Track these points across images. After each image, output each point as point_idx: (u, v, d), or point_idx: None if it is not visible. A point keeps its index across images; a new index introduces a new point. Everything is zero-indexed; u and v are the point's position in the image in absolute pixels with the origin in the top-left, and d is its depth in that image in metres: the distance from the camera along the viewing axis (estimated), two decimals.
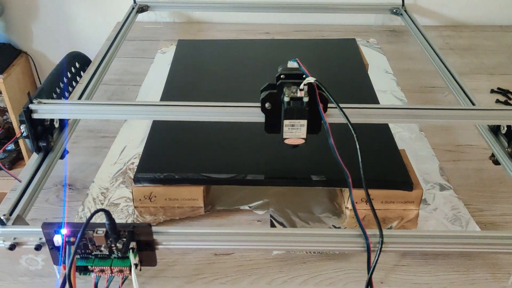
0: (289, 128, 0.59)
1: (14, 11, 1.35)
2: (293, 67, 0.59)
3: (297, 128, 0.59)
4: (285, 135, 0.59)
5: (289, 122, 0.58)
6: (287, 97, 0.57)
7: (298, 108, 0.57)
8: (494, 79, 1.07)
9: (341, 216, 0.69)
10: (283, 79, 0.58)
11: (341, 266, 0.62)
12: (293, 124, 0.59)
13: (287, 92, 0.58)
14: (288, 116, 0.58)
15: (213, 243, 0.56)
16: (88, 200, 0.70)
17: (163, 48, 1.16)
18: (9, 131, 1.45)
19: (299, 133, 0.59)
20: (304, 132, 0.59)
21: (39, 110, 0.64)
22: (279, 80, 0.58)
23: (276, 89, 0.59)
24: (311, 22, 1.33)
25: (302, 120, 0.58)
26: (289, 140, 0.60)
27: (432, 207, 0.70)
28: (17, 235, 0.55)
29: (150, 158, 0.71)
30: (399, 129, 0.86)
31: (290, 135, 0.59)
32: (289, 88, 0.58)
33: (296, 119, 0.58)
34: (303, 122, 0.58)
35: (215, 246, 0.56)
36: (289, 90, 0.58)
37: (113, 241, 0.53)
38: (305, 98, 0.57)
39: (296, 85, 0.58)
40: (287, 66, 0.60)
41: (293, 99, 0.57)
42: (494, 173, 0.77)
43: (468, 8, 1.34)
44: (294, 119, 0.58)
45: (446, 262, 0.62)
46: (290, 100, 0.57)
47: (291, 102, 0.57)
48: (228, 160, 0.72)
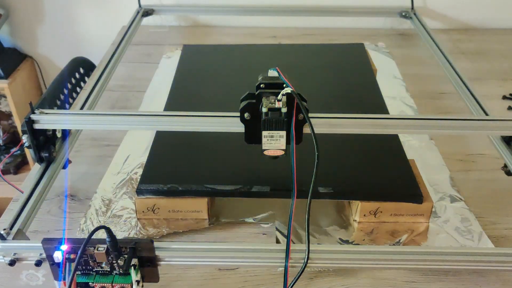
0: (268, 139, 0.57)
1: (19, 16, 1.35)
2: (273, 76, 0.58)
3: (276, 139, 0.57)
4: (264, 146, 0.58)
5: (267, 133, 0.57)
6: (265, 107, 0.56)
7: (276, 119, 0.56)
8: (506, 85, 1.04)
9: (349, 228, 0.68)
10: (263, 88, 0.57)
11: (348, 282, 0.60)
12: (272, 135, 0.57)
13: (265, 102, 0.56)
14: (267, 127, 0.56)
15: (216, 259, 0.54)
16: (91, 211, 0.69)
17: (168, 53, 1.14)
18: (15, 135, 1.44)
19: (278, 144, 0.58)
20: (283, 143, 0.58)
21: (41, 120, 0.63)
22: (258, 90, 0.57)
23: (255, 99, 0.57)
24: (319, 26, 1.31)
25: (281, 131, 0.57)
26: (269, 151, 0.58)
27: (442, 219, 0.69)
28: (17, 251, 0.54)
29: (153, 169, 0.70)
30: (409, 138, 0.84)
31: (269, 146, 0.58)
32: (267, 98, 0.56)
33: (274, 130, 0.57)
34: (282, 133, 0.57)
35: (218, 262, 0.55)
36: (268, 100, 0.56)
37: (114, 258, 0.52)
38: (284, 108, 0.55)
39: (275, 95, 0.56)
40: (267, 75, 0.58)
41: (271, 109, 0.56)
42: (507, 184, 0.75)
43: (479, 11, 1.31)
44: (273, 130, 0.57)
45: (457, 278, 0.60)
46: (268, 111, 0.56)
47: (269, 113, 0.56)
48: (233, 171, 0.70)
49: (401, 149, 0.75)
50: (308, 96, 0.88)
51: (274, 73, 0.58)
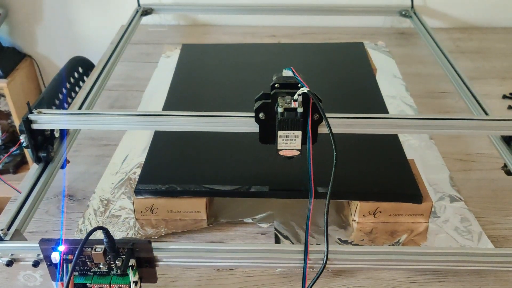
0: (283, 139, 0.57)
1: (18, 15, 1.35)
2: (288, 75, 0.58)
3: (291, 140, 0.57)
4: (279, 146, 0.58)
5: (283, 133, 0.57)
6: (281, 107, 0.55)
7: (292, 119, 0.56)
8: (506, 84, 1.04)
9: (348, 228, 0.67)
10: (277, 88, 0.56)
11: (347, 283, 0.60)
12: (287, 135, 0.57)
13: (281, 102, 0.56)
14: (282, 127, 0.56)
15: (215, 260, 0.54)
16: (89, 212, 0.69)
17: (167, 52, 1.14)
18: (14, 134, 1.44)
19: (294, 144, 0.57)
20: (299, 144, 0.57)
21: (39, 120, 0.63)
22: (273, 90, 0.56)
23: (270, 99, 0.57)
24: (319, 25, 1.31)
25: (296, 132, 0.56)
26: (284, 151, 0.58)
27: (442, 219, 0.68)
28: (14, 251, 0.54)
29: (151, 169, 0.70)
30: (408, 137, 0.84)
31: (285, 147, 0.58)
32: (283, 98, 0.56)
33: (290, 130, 0.56)
34: (297, 133, 0.57)
35: (217, 263, 0.55)
36: (283, 100, 0.56)
37: (112, 259, 0.51)
38: (300, 108, 0.55)
39: (290, 95, 0.56)
40: (281, 75, 0.58)
41: (287, 109, 0.55)
42: (506, 184, 0.74)
43: (479, 10, 1.30)
44: (288, 130, 0.56)
45: (457, 279, 0.60)
46: (284, 111, 0.55)
47: (285, 113, 0.55)
48: (231, 171, 0.70)
49: (400, 149, 0.74)
50: None
51: (289, 73, 0.58)
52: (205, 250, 0.54)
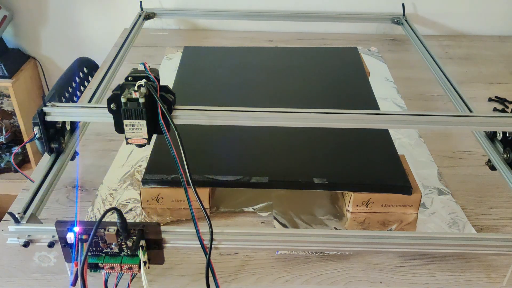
0: (130, 128, 0.61)
1: (23, 17, 1.38)
2: (141, 69, 0.62)
3: (137, 128, 0.61)
4: (127, 135, 0.62)
5: (128, 122, 0.61)
6: (123, 97, 0.60)
7: (135, 108, 0.60)
8: (492, 88, 1.09)
9: (342, 218, 0.72)
10: (130, 81, 0.61)
11: (342, 266, 0.64)
12: (133, 124, 0.61)
13: (125, 93, 0.60)
14: (127, 116, 0.60)
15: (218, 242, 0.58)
16: (97, 200, 0.72)
17: (169, 54, 1.19)
18: (16, 134, 1.47)
19: (141, 133, 0.62)
20: (145, 132, 0.62)
21: (52, 112, 0.67)
22: (124, 82, 0.61)
23: (119, 90, 0.61)
24: (314, 31, 1.36)
25: (141, 121, 0.61)
26: (132, 139, 0.62)
27: (430, 210, 0.73)
28: (31, 233, 0.57)
29: (158, 160, 0.73)
30: (399, 136, 0.88)
31: (132, 135, 0.62)
32: (129, 89, 0.60)
33: (134, 120, 0.60)
34: (142, 122, 0.61)
35: (220, 245, 0.58)
36: (127, 92, 0.60)
37: (124, 239, 0.55)
38: (141, 99, 0.59)
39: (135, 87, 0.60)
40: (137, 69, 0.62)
41: (129, 100, 0.60)
42: (490, 179, 0.79)
43: (467, 19, 1.37)
44: (133, 120, 0.60)
45: (444, 263, 0.64)
46: (127, 101, 0.60)
47: (128, 103, 0.60)
48: (233, 163, 0.74)
49: (391, 144, 0.79)
50: (304, 96, 0.93)
51: (142, 67, 0.62)
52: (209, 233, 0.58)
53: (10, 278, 0.61)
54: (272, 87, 0.96)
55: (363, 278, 0.62)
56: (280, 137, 0.79)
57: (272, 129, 0.70)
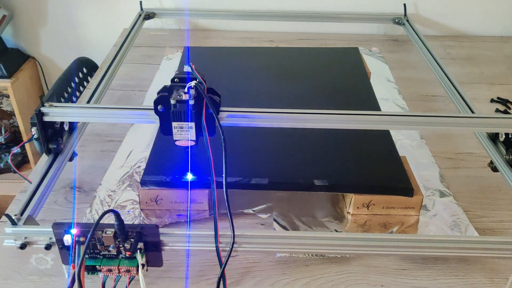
0: (178, 130, 0.61)
1: (23, 17, 1.38)
2: (187, 71, 0.61)
3: (186, 130, 0.61)
4: (175, 137, 0.62)
5: (177, 124, 0.60)
6: (173, 99, 0.59)
7: (184, 110, 0.59)
8: (494, 89, 1.09)
9: (343, 221, 0.71)
10: (176, 82, 0.60)
11: (342, 269, 0.63)
12: (181, 126, 0.60)
13: (174, 94, 0.59)
14: (176, 118, 0.60)
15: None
16: (96, 202, 0.72)
17: (169, 54, 1.18)
18: (15, 134, 1.46)
19: (189, 134, 0.61)
20: (193, 134, 0.61)
21: (51, 113, 0.66)
22: (172, 83, 0.60)
23: (167, 91, 0.60)
24: (315, 31, 1.36)
25: (190, 123, 0.60)
26: (179, 142, 0.62)
27: (432, 213, 0.72)
28: (28, 235, 0.57)
29: (157, 162, 0.73)
30: (401, 137, 0.88)
31: (180, 137, 0.61)
32: (177, 91, 0.60)
33: (183, 121, 0.60)
34: (191, 124, 0.60)
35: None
36: (177, 93, 0.59)
37: (121, 242, 0.54)
38: (191, 101, 0.59)
39: (184, 88, 0.60)
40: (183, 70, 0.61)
41: (179, 101, 0.59)
42: (493, 180, 0.78)
43: (469, 19, 1.36)
44: (182, 121, 0.60)
45: (445, 266, 0.63)
46: (176, 102, 0.59)
47: (177, 104, 0.59)
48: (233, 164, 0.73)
49: (393, 145, 0.78)
50: (305, 97, 0.92)
51: (189, 68, 0.61)
52: (209, 235, 0.57)
53: (7, 280, 0.60)
54: (273, 88, 0.95)
55: (363, 281, 0.61)
56: (280, 138, 0.78)
57: (272, 130, 0.69)
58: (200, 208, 0.71)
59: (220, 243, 0.56)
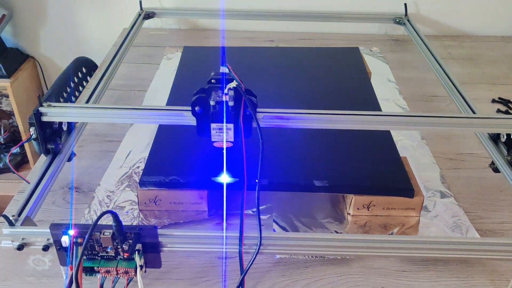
0: (216, 131, 0.61)
1: (22, 17, 1.38)
2: (224, 72, 0.61)
3: (224, 132, 0.60)
4: (213, 138, 0.61)
5: (215, 125, 0.60)
6: (212, 101, 0.59)
7: (223, 112, 0.59)
8: (495, 89, 1.08)
9: (343, 222, 0.70)
10: (213, 83, 0.60)
11: (342, 271, 0.62)
12: (220, 128, 0.60)
13: (213, 96, 0.59)
14: (215, 119, 0.60)
15: (217, 246, 0.57)
16: (94, 202, 0.71)
17: (169, 54, 1.18)
18: (15, 134, 1.46)
19: (227, 136, 0.61)
20: (231, 136, 0.61)
21: (49, 113, 0.66)
22: (209, 85, 0.60)
23: (205, 93, 0.60)
24: (315, 31, 1.35)
25: (228, 124, 0.60)
26: (218, 143, 0.61)
27: (432, 214, 0.71)
28: (25, 236, 0.56)
29: (155, 162, 0.72)
30: (401, 137, 0.87)
31: (218, 138, 0.61)
32: (216, 92, 0.59)
33: (222, 123, 0.60)
34: (229, 125, 0.60)
35: (219, 249, 0.57)
36: (216, 94, 0.59)
37: (120, 243, 0.54)
38: (230, 102, 0.58)
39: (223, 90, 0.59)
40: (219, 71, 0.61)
41: (218, 103, 0.59)
42: (494, 181, 0.78)
43: (470, 19, 1.35)
44: (220, 123, 0.60)
45: (446, 268, 0.63)
46: (216, 104, 0.59)
47: (216, 106, 0.59)
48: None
49: (393, 146, 0.78)
50: (304, 96, 0.92)
51: (225, 70, 0.61)
52: (208, 236, 0.57)
53: (4, 281, 0.60)
54: (273, 88, 0.94)
55: (364, 282, 0.61)
56: (280, 138, 0.78)
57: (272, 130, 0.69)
58: (199, 208, 0.70)
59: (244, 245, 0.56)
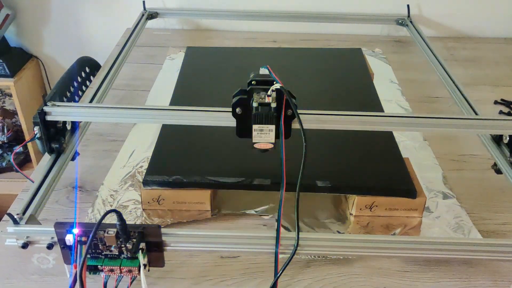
0: (258, 132, 0.61)
1: (26, 16, 1.38)
2: (264, 73, 0.61)
3: (265, 133, 0.61)
4: (254, 139, 0.61)
5: (257, 127, 0.60)
6: (255, 102, 0.59)
7: (266, 113, 0.59)
8: (497, 91, 1.08)
9: (345, 222, 0.71)
10: (254, 85, 0.60)
11: (344, 271, 0.63)
12: (261, 129, 0.60)
13: (256, 97, 0.59)
14: (257, 121, 0.60)
15: (220, 245, 0.57)
16: (98, 202, 0.72)
17: (172, 54, 1.18)
18: (18, 133, 1.47)
19: (268, 138, 0.61)
20: (272, 137, 0.61)
21: (53, 112, 0.66)
22: (250, 86, 0.60)
23: (246, 94, 0.60)
24: (318, 32, 1.35)
25: (270, 125, 0.60)
26: (259, 144, 0.61)
27: (435, 214, 0.72)
28: (29, 234, 0.57)
29: (159, 162, 0.73)
30: (403, 138, 0.87)
31: (259, 140, 0.61)
32: (258, 93, 0.60)
33: (264, 124, 0.60)
34: (271, 127, 0.60)
35: (222, 248, 0.58)
36: (258, 96, 0.59)
37: (123, 242, 0.54)
38: (273, 103, 0.59)
39: (265, 91, 0.59)
40: (259, 73, 0.61)
41: (261, 104, 0.59)
42: (496, 183, 0.78)
43: (472, 20, 1.35)
44: (263, 124, 0.60)
45: (448, 269, 0.63)
46: (259, 105, 0.59)
47: (259, 107, 0.59)
48: (235, 164, 0.73)
49: (396, 147, 0.78)
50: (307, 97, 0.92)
51: (265, 71, 0.61)
52: (211, 236, 0.57)
53: (8, 279, 0.60)
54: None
55: (366, 283, 0.61)
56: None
57: None
58: (202, 208, 0.71)
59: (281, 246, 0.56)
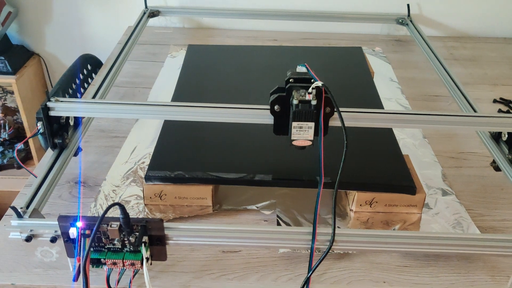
0: (297, 130, 0.61)
1: (28, 14, 1.39)
2: (301, 71, 0.62)
3: (305, 130, 0.61)
4: (293, 136, 0.62)
5: (297, 124, 0.61)
6: (296, 99, 0.59)
7: (307, 110, 0.60)
8: (497, 90, 1.09)
9: (346, 218, 0.71)
10: (292, 82, 0.61)
11: (345, 266, 0.63)
12: (301, 126, 0.61)
13: (296, 95, 0.60)
14: (297, 118, 0.60)
15: (221, 239, 0.58)
16: (100, 196, 0.72)
17: (173, 52, 1.18)
18: (19, 131, 1.47)
19: (307, 135, 0.61)
20: (311, 134, 0.62)
21: (56, 108, 0.67)
22: (288, 84, 0.61)
23: (285, 92, 0.61)
24: (319, 31, 1.36)
25: (310, 123, 0.61)
26: (297, 141, 0.62)
27: (434, 211, 0.72)
28: (33, 227, 0.57)
29: (161, 157, 0.73)
30: (403, 136, 0.88)
31: (298, 137, 0.62)
32: (297, 91, 0.60)
33: (304, 121, 0.60)
34: (310, 124, 0.61)
35: (223, 242, 0.58)
36: (298, 93, 0.60)
37: (126, 235, 0.55)
38: (313, 101, 0.59)
39: (304, 89, 0.60)
40: (296, 71, 0.62)
41: (301, 102, 0.59)
42: (495, 180, 0.79)
43: (472, 20, 1.36)
44: (302, 121, 0.60)
45: (447, 264, 0.64)
46: (299, 103, 0.59)
47: (300, 104, 0.60)
48: (236, 160, 0.74)
49: (396, 144, 0.79)
50: None
51: (303, 69, 0.62)
52: (213, 230, 0.58)
53: (12, 272, 0.61)
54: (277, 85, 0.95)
55: (366, 277, 0.62)
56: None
57: None
58: (204, 204, 0.71)
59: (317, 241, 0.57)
